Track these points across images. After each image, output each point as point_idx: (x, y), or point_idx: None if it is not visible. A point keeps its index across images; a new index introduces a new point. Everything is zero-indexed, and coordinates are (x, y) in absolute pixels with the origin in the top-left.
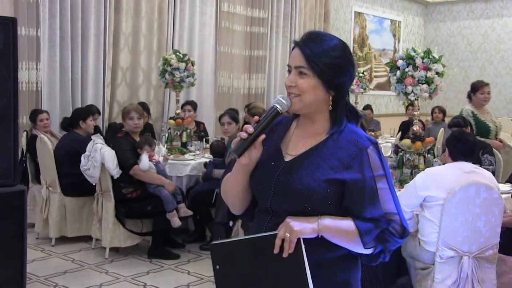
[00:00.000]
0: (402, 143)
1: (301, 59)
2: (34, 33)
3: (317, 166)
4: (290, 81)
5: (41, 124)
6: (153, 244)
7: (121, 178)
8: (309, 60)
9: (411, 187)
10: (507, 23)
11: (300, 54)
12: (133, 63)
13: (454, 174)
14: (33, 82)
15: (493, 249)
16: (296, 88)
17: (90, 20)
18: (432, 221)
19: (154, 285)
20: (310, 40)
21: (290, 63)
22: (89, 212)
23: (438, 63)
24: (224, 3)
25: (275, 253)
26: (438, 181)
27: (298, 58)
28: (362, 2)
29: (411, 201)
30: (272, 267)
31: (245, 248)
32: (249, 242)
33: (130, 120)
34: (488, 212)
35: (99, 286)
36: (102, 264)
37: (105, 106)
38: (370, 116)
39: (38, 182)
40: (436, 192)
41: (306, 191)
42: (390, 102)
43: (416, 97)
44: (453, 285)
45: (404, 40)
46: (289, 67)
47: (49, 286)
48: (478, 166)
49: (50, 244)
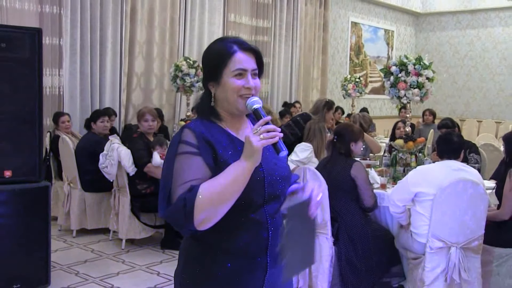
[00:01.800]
0: (396, 143)
1: (254, 63)
2: (57, 42)
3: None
4: (255, 83)
5: (63, 125)
6: (165, 236)
7: (136, 175)
8: (260, 64)
9: (403, 184)
10: (491, 33)
11: (252, 59)
12: (147, 69)
13: (443, 172)
14: (56, 87)
15: (479, 240)
16: (254, 89)
17: (107, 30)
18: (423, 215)
19: (167, 274)
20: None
21: (245, 67)
22: (107, 207)
23: (428, 69)
24: (231, 13)
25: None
26: (428, 178)
27: (252, 62)
28: (358, 13)
29: (404, 196)
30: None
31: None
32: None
33: (144, 122)
34: (474, 206)
35: (117, 274)
36: (119, 254)
37: (121, 109)
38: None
39: (60, 179)
40: (426, 188)
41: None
42: (384, 105)
43: (409, 101)
44: (442, 273)
45: (397, 48)
46: (243, 71)
47: (71, 273)
48: (465, 164)
49: (72, 235)
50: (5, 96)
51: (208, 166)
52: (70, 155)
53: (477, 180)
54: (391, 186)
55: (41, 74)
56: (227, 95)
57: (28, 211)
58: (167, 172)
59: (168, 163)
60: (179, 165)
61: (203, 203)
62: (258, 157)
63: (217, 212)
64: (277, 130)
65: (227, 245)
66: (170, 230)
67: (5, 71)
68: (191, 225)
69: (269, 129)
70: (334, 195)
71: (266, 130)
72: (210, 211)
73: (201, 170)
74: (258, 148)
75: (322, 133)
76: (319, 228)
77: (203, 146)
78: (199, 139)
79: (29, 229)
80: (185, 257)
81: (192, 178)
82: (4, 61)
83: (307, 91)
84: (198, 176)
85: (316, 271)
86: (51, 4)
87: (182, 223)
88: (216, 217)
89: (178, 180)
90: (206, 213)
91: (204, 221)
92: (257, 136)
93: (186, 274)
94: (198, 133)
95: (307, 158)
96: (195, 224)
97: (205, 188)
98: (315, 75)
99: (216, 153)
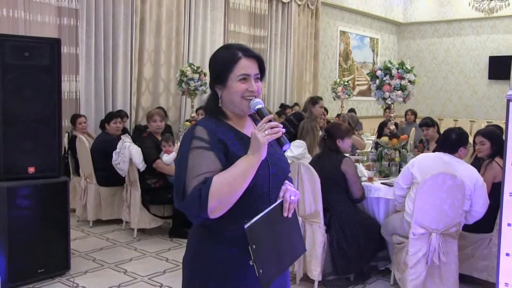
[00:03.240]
0: (381, 140)
1: (257, 68)
2: (74, 51)
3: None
4: (257, 87)
5: (79, 126)
6: (173, 226)
7: (146, 170)
8: (261, 69)
9: (406, 167)
10: (465, 41)
11: (255, 64)
12: (155, 75)
13: (433, 161)
14: (73, 91)
15: (456, 227)
16: (256, 92)
17: (119, 39)
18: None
19: (175, 260)
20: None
21: (249, 72)
22: (119, 199)
23: (410, 73)
24: (230, 24)
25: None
26: (421, 164)
27: (255, 67)
28: (346, 22)
29: (406, 178)
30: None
31: (266, 220)
32: (267, 215)
33: (153, 122)
34: (453, 196)
35: (129, 260)
36: (131, 242)
37: (132, 111)
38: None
39: (77, 175)
40: (416, 172)
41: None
42: (370, 106)
43: (393, 101)
44: (423, 256)
45: (381, 54)
46: (247, 76)
47: (88, 260)
48: (459, 159)
49: (88, 225)
50: (28, 100)
51: (219, 159)
52: (86, 153)
53: (455, 173)
54: (377, 179)
55: (60, 80)
56: (232, 97)
57: (49, 203)
58: (180, 167)
59: (182, 158)
60: (193, 159)
61: (216, 193)
62: (264, 151)
63: (228, 201)
64: (280, 127)
65: (233, 232)
66: (177, 220)
67: (28, 77)
68: (204, 213)
69: (272, 126)
70: (326, 187)
71: (270, 127)
72: (222, 200)
73: (214, 163)
74: (264, 143)
75: (314, 131)
76: (312, 217)
77: (214, 141)
78: (210, 135)
79: (51, 220)
80: (193, 244)
81: (206, 171)
82: (27, 69)
83: (300, 94)
84: (211, 169)
85: (310, 257)
86: (68, 17)
87: (197, 212)
88: (227, 206)
89: (193, 173)
90: (218, 202)
91: (216, 210)
92: (262, 132)
93: (194, 260)
94: (210, 130)
95: (301, 154)
96: (208, 212)
97: (218, 179)
98: (308, 79)
99: (226, 147)
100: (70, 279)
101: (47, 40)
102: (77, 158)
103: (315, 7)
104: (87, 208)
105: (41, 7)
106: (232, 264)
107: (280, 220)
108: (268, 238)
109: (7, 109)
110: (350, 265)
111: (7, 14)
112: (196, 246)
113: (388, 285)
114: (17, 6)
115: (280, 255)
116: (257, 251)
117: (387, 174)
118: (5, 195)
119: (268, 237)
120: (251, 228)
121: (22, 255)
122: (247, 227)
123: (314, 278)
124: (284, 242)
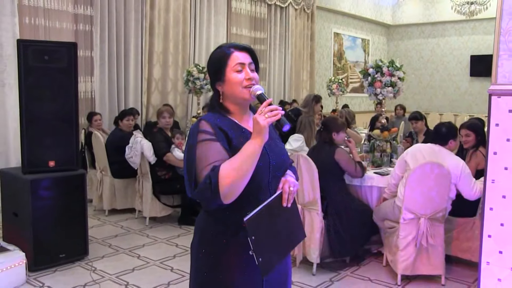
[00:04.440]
0: (373, 133)
1: (249, 58)
2: (89, 54)
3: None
4: (253, 75)
5: (95, 123)
6: (182, 214)
7: (156, 163)
8: (255, 61)
9: (401, 157)
10: (448, 41)
11: (248, 55)
12: (163, 75)
13: (425, 151)
14: (88, 91)
15: (443, 212)
16: (254, 80)
17: (130, 43)
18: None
19: (184, 245)
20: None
21: (243, 61)
22: (132, 190)
23: (399, 70)
24: (233, 27)
25: (286, 206)
26: (414, 153)
27: (248, 57)
28: (340, 25)
29: (401, 167)
30: (283, 216)
31: (265, 211)
32: (267, 206)
33: (163, 118)
34: (439, 184)
35: (142, 246)
36: (143, 230)
37: (143, 108)
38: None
39: (94, 168)
40: (409, 160)
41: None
42: (363, 102)
43: (384, 97)
44: (413, 240)
45: (372, 54)
46: (241, 65)
47: (105, 245)
48: (448, 151)
49: (104, 214)
50: (48, 100)
51: (225, 149)
52: (102, 148)
53: (442, 162)
54: (370, 169)
55: (77, 81)
56: (233, 89)
57: (69, 194)
58: (189, 159)
59: (190, 151)
60: (201, 151)
61: (225, 178)
62: (265, 134)
63: (238, 185)
64: (279, 109)
65: (237, 219)
66: (186, 209)
67: (47, 78)
68: (218, 199)
69: (272, 109)
70: (323, 177)
71: (270, 110)
72: (232, 185)
73: (220, 153)
74: (264, 125)
75: (311, 125)
76: (311, 205)
77: (218, 133)
78: (214, 128)
79: (70, 209)
80: (200, 230)
81: (214, 160)
82: (47, 71)
83: (298, 91)
84: (219, 158)
85: (309, 241)
86: (84, 23)
87: (210, 199)
88: (238, 190)
89: (203, 163)
90: (229, 187)
91: (229, 195)
92: (262, 115)
93: (201, 245)
94: (213, 123)
95: (299, 147)
96: (222, 198)
97: (225, 166)
98: (305, 77)
99: (229, 139)
100: (89, 263)
101: (64, 45)
102: (93, 153)
103: (311, 11)
104: (103, 198)
105: (59, 15)
106: (235, 250)
107: (280, 210)
108: (267, 228)
109: (30, 108)
110: (346, 249)
111: (29, 22)
112: (201, 231)
113: (381, 266)
114: (38, 14)
115: (280, 243)
116: (256, 241)
117: (379, 164)
118: (29, 187)
119: (267, 228)
120: (250, 221)
121: (45, 241)
122: (246, 220)
123: (313, 261)
124: (284, 231)
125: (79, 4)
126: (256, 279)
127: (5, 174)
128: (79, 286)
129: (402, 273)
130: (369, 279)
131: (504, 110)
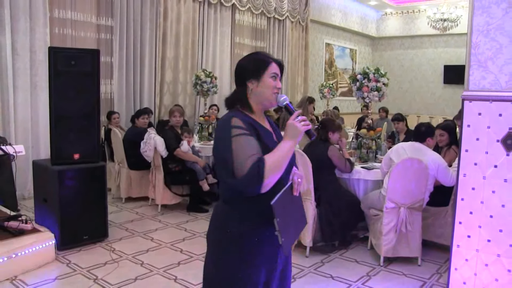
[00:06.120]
0: (361, 132)
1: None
2: (109, 60)
3: None
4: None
5: (114, 121)
6: (190, 202)
7: (168, 157)
8: (282, 71)
9: (386, 154)
10: (425, 53)
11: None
12: (174, 79)
13: (407, 148)
14: (108, 92)
15: (420, 202)
16: (280, 89)
17: (145, 50)
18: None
19: (192, 230)
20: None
21: (278, 73)
22: (146, 180)
23: (384, 77)
24: (236, 37)
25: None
26: (397, 149)
27: (279, 71)
28: (331, 36)
29: (386, 164)
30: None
31: (283, 197)
32: (285, 192)
33: (174, 117)
34: (418, 178)
35: (155, 230)
36: (156, 216)
37: (156, 108)
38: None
39: (112, 161)
40: (393, 156)
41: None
42: (351, 104)
43: (370, 100)
44: (394, 226)
45: (359, 62)
46: (276, 75)
47: (122, 229)
48: (427, 148)
49: (121, 202)
50: (73, 100)
51: (258, 143)
52: (119, 143)
53: (421, 158)
54: (358, 164)
55: (99, 83)
56: (265, 90)
57: (91, 184)
58: (225, 151)
59: (225, 146)
60: (239, 144)
61: (269, 170)
62: (300, 138)
63: (275, 178)
64: (307, 121)
65: (253, 208)
66: (194, 198)
67: (73, 81)
68: (260, 187)
69: (304, 119)
70: (316, 171)
71: (303, 120)
72: (272, 177)
73: (257, 146)
74: (301, 130)
75: None
76: (305, 195)
77: (250, 129)
78: (246, 124)
79: (92, 197)
80: (217, 220)
81: (255, 152)
82: (73, 74)
83: (293, 94)
84: (256, 151)
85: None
86: (105, 32)
87: (255, 186)
88: (274, 182)
89: (245, 154)
90: (271, 178)
91: (268, 185)
92: (298, 122)
93: (217, 233)
94: (243, 120)
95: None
96: (263, 186)
97: (269, 158)
98: (299, 82)
99: (259, 135)
100: (108, 244)
101: (89, 51)
102: (111, 147)
103: (305, 23)
104: (120, 188)
105: (84, 25)
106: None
107: (291, 198)
108: (285, 213)
109: (58, 108)
110: (335, 234)
111: (58, 32)
112: (219, 221)
113: (366, 249)
114: (66, 25)
115: (293, 226)
116: (280, 223)
117: (366, 160)
118: (56, 177)
119: (285, 212)
120: (276, 204)
121: (70, 225)
122: (273, 203)
123: (306, 244)
124: (295, 216)
125: (101, 16)
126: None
127: (36, 165)
128: (101, 264)
129: (385, 255)
130: (356, 261)
131: (475, 113)
